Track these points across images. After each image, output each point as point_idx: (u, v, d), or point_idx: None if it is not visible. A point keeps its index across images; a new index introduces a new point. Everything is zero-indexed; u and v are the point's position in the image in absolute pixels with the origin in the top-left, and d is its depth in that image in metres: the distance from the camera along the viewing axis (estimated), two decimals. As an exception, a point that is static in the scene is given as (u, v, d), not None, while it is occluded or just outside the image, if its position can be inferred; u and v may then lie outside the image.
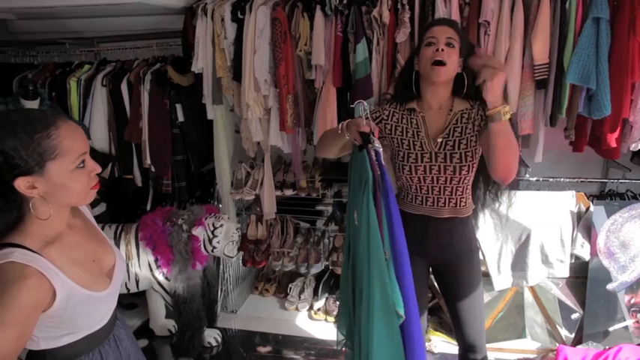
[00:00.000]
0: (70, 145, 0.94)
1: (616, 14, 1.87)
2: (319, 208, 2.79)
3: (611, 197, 2.36)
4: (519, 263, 2.21)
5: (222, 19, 2.27)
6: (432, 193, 1.57)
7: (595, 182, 2.47)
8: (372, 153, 1.38)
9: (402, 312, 1.35)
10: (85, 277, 1.01)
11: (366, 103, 1.43)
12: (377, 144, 1.38)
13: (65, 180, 0.95)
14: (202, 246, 2.26)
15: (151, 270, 2.24)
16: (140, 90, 2.53)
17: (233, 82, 2.36)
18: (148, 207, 2.73)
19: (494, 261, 2.22)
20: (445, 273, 1.66)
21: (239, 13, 2.24)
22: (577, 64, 1.88)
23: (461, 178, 1.54)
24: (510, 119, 1.39)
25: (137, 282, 2.26)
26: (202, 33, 2.32)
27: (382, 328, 1.39)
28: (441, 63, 1.45)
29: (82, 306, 1.00)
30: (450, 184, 1.55)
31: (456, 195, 1.56)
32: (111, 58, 2.80)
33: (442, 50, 1.45)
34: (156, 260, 2.21)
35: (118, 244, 2.21)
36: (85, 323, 1.04)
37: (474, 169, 1.57)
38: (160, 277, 2.26)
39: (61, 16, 2.77)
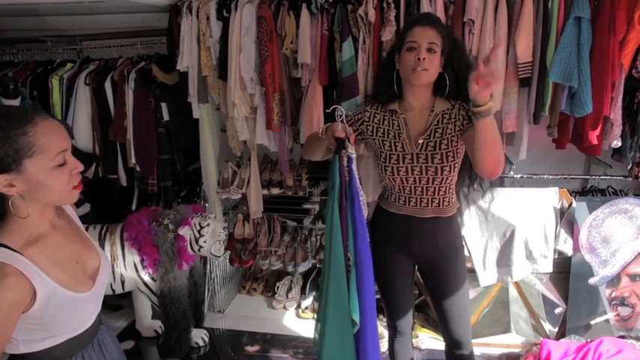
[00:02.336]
0: (47, 143, 0.93)
1: (597, 14, 1.90)
2: (306, 206, 2.79)
3: (592, 193, 2.40)
4: (504, 259, 2.24)
5: (208, 18, 2.25)
6: (415, 194, 1.58)
7: (577, 179, 2.51)
8: (345, 159, 1.40)
9: (357, 319, 1.37)
10: (67, 277, 0.99)
11: (342, 108, 1.44)
12: (350, 150, 1.41)
13: (44, 178, 0.94)
14: (189, 246, 2.25)
15: (137, 270, 2.22)
16: (124, 89, 2.50)
17: (219, 81, 2.34)
18: (134, 207, 2.70)
19: (480, 257, 2.25)
20: (430, 271, 1.68)
21: (224, 11, 2.23)
22: (559, 63, 1.90)
23: (443, 178, 1.55)
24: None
25: (123, 283, 2.24)
26: (187, 31, 2.30)
27: (335, 333, 1.42)
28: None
29: (64, 307, 0.98)
30: (433, 184, 1.56)
31: (438, 195, 1.58)
32: (94, 57, 2.76)
33: (423, 59, 1.46)
34: (142, 261, 2.20)
35: (102, 245, 2.19)
36: (67, 326, 1.02)
37: (456, 169, 1.58)
38: (146, 278, 2.24)
39: (42, 14, 2.72)
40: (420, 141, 1.54)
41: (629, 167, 2.16)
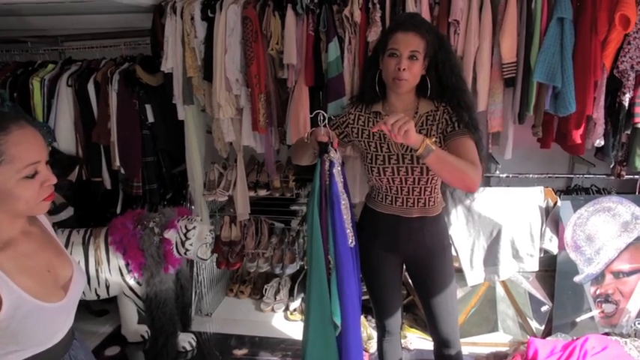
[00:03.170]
0: (18, 153, 0.90)
1: (579, 15, 1.93)
2: (293, 207, 2.77)
3: (577, 192, 2.43)
4: (491, 258, 2.25)
5: (192, 18, 2.23)
6: (401, 194, 1.58)
7: (562, 178, 2.54)
8: (327, 163, 1.41)
9: (338, 322, 1.38)
10: (36, 286, 0.95)
11: (324, 113, 1.45)
12: (332, 154, 1.43)
13: (12, 188, 0.91)
14: (175, 249, 2.22)
15: (122, 275, 2.18)
16: (108, 90, 2.47)
17: (204, 82, 2.31)
18: (118, 210, 2.66)
19: (467, 257, 2.26)
20: (418, 270, 1.68)
21: (209, 11, 2.20)
22: (543, 63, 1.92)
23: (429, 178, 1.56)
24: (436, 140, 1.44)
25: (107, 288, 2.20)
26: (172, 32, 2.27)
27: (318, 336, 1.44)
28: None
29: (32, 318, 0.94)
30: (418, 184, 1.56)
31: (424, 195, 1.58)
32: (76, 58, 2.72)
33: (404, 70, 1.46)
34: (127, 265, 2.16)
35: (86, 249, 2.15)
36: (35, 338, 0.97)
37: None
38: (132, 282, 2.20)
39: (23, 13, 2.67)
40: None
41: (611, 166, 2.19)
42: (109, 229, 2.21)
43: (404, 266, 1.73)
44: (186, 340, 2.44)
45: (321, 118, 1.44)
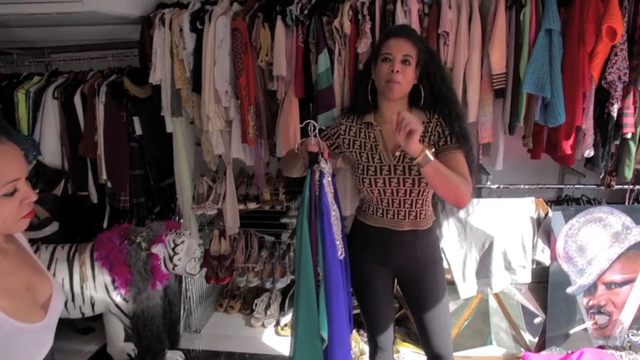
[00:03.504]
0: None
1: (567, 26, 1.94)
2: (284, 220, 2.74)
3: (567, 202, 2.43)
4: (483, 270, 2.23)
5: (181, 30, 2.22)
6: (393, 206, 1.56)
7: (552, 188, 2.54)
8: (317, 173, 1.40)
9: (325, 335, 1.36)
10: (14, 306, 0.91)
11: (315, 123, 1.43)
12: (323, 165, 1.41)
13: None
14: (162, 264, 2.17)
15: (108, 292, 2.13)
16: (95, 102, 2.43)
17: (193, 94, 2.30)
18: (105, 225, 2.61)
19: (459, 269, 2.24)
20: (409, 284, 1.66)
21: (198, 23, 2.19)
22: (532, 74, 1.93)
23: (420, 190, 1.54)
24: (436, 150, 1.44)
25: (93, 305, 2.13)
26: (160, 43, 2.26)
27: (306, 350, 1.41)
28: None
29: (11, 340, 0.90)
30: (410, 196, 1.55)
31: (415, 207, 1.57)
32: (63, 70, 2.68)
33: (397, 72, 1.46)
34: (113, 281, 2.11)
35: (71, 266, 2.10)
36: None
37: None
38: (118, 299, 2.14)
39: (10, 25, 2.63)
40: (397, 153, 1.53)
41: (601, 176, 2.19)
42: (94, 245, 2.16)
43: (395, 280, 1.70)
44: (174, 358, 2.37)
45: (312, 128, 1.43)
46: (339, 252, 1.46)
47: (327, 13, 2.06)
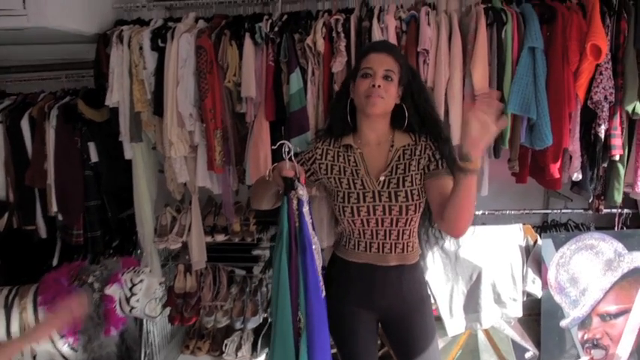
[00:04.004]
0: None
1: (550, 45, 1.87)
2: (256, 253, 2.54)
3: (555, 228, 2.33)
4: (472, 304, 2.08)
5: (141, 48, 2.06)
6: (377, 238, 1.41)
7: (539, 213, 2.44)
8: (294, 201, 1.24)
9: None
10: None
11: (290, 144, 1.27)
12: (301, 191, 1.25)
13: None
14: (118, 307, 1.94)
15: (53, 341, 1.87)
16: (45, 127, 2.22)
17: (154, 117, 2.12)
18: (55, 262, 2.37)
19: (446, 303, 2.08)
20: (395, 327, 1.49)
21: (159, 40, 2.05)
22: (517, 94, 1.84)
23: (407, 219, 1.40)
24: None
25: (34, 358, 1.88)
26: (118, 62, 2.09)
27: None
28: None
29: None
30: (396, 226, 1.40)
31: (402, 239, 1.41)
32: (11, 91, 2.46)
33: (379, 87, 1.33)
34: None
35: (9, 313, 1.85)
36: None
37: (421, 209, 1.44)
38: (65, 349, 1.89)
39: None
40: (382, 178, 1.39)
41: (590, 200, 2.09)
42: (39, 287, 1.92)
43: (379, 324, 1.53)
44: (132, 413, 2.12)
45: (286, 150, 1.27)
46: (321, 290, 1.29)
47: (299, 31, 1.95)
